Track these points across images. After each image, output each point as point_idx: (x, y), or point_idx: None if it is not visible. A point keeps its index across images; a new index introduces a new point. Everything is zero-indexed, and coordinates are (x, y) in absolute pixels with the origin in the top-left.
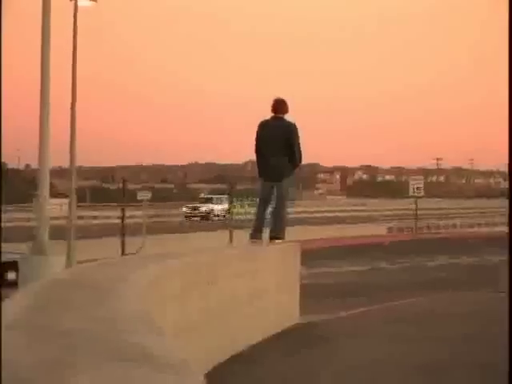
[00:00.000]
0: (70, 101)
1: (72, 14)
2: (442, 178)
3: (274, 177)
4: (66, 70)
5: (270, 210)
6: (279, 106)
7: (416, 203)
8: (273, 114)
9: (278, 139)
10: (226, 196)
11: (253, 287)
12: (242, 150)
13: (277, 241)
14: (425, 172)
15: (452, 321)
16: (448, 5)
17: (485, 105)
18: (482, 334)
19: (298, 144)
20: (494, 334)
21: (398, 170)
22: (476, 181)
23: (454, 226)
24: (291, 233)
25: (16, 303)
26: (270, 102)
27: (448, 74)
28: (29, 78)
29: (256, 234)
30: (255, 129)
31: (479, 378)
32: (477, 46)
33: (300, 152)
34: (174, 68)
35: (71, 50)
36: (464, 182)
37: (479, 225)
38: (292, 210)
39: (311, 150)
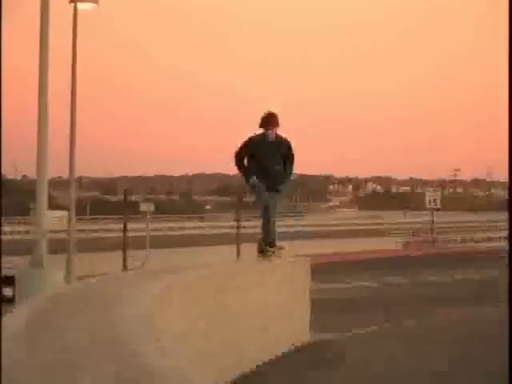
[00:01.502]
0: (69, 108)
1: (72, 18)
2: (459, 190)
3: (274, 186)
4: (66, 76)
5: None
6: (275, 121)
7: (432, 216)
8: (267, 129)
9: (277, 154)
10: None
11: (261, 302)
12: None
13: (271, 249)
14: (442, 183)
15: (469, 340)
16: None
17: (502, 115)
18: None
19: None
20: None
21: (414, 182)
22: (495, 192)
23: (473, 240)
24: (301, 247)
25: (15, 319)
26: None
27: (461, 79)
28: (26, 83)
29: (265, 248)
30: None
31: None
32: (494, 50)
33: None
34: (180, 74)
35: (71, 55)
36: (483, 193)
37: (499, 239)
38: (302, 224)
39: (322, 161)
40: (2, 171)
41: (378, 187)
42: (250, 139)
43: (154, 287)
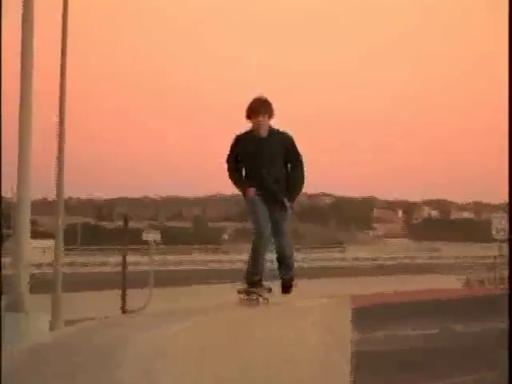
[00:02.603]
0: (56, 114)
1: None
2: None
3: (277, 201)
4: (53, 79)
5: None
6: (266, 108)
7: (499, 248)
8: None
9: (274, 155)
10: None
11: (288, 356)
12: None
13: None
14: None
15: None
16: None
17: None
18: None
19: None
20: None
21: (478, 206)
22: None
23: None
24: (339, 285)
25: None
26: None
27: None
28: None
29: (252, 287)
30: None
31: None
32: None
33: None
34: (186, 74)
35: (59, 54)
36: None
37: None
38: (343, 257)
39: (365, 181)
40: None
41: (434, 212)
42: (237, 139)
43: (158, 336)
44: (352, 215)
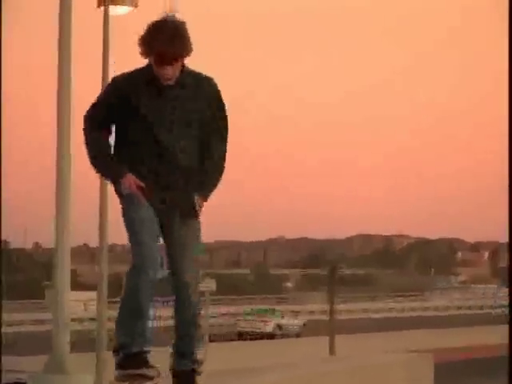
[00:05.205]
0: None
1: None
2: None
3: (182, 202)
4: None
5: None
6: (187, 46)
7: None
8: (161, 61)
9: (185, 119)
10: None
11: None
12: (345, 218)
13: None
14: None
15: None
16: None
17: None
18: None
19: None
20: None
21: None
22: None
23: None
24: (419, 338)
25: None
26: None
27: None
28: (40, 109)
29: (132, 366)
30: (360, 192)
31: None
32: None
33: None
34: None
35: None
36: None
37: None
38: (423, 306)
39: (445, 221)
40: (6, 237)
41: None
42: (119, 81)
43: None
44: (432, 258)
